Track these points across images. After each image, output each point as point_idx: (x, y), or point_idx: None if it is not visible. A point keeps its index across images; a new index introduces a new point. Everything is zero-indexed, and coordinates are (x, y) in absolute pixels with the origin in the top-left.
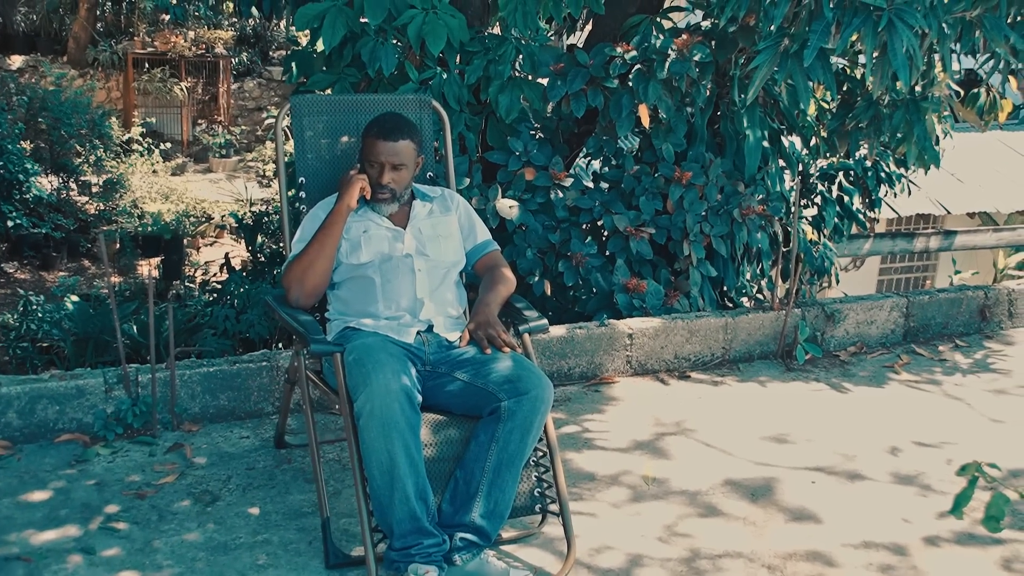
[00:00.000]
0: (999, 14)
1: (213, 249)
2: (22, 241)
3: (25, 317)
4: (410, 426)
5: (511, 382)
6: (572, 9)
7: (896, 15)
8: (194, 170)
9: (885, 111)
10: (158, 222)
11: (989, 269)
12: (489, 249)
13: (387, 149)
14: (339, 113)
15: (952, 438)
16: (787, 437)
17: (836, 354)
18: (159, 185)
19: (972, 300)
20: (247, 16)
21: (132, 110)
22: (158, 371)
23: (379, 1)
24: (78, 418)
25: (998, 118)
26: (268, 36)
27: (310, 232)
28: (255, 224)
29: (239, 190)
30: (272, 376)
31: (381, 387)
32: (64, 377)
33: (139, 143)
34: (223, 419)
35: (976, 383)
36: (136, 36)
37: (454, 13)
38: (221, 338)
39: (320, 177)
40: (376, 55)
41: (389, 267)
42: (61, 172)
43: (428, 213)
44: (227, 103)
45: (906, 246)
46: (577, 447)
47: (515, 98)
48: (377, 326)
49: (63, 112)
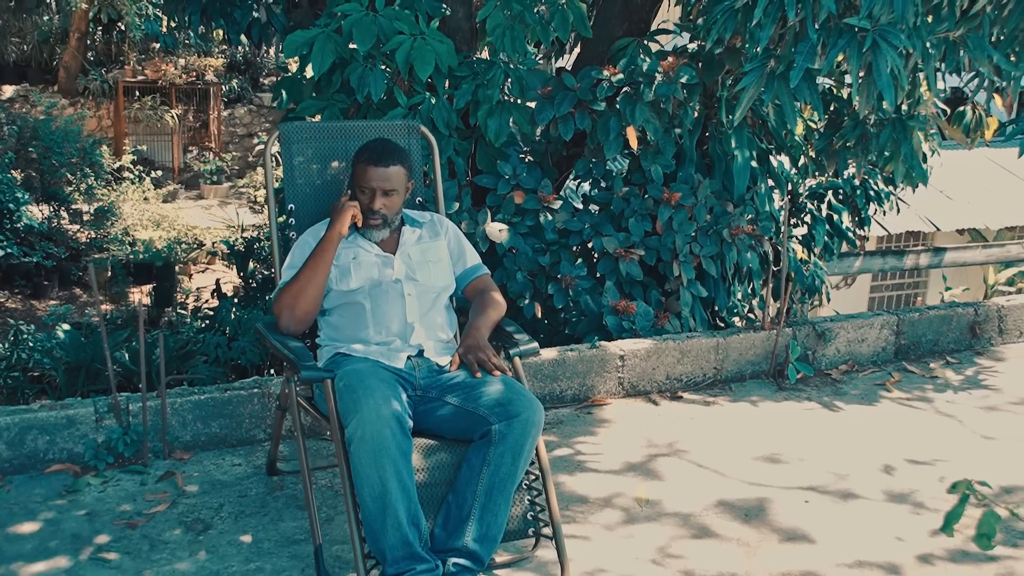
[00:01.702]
0: (982, 33)
1: (205, 276)
2: (13, 270)
3: (16, 346)
4: (401, 451)
5: (501, 405)
6: (560, 33)
7: (880, 36)
8: (185, 197)
9: (872, 130)
10: (149, 249)
11: (979, 285)
12: (479, 273)
13: (378, 175)
14: (328, 140)
15: (944, 455)
16: (780, 457)
17: (828, 373)
18: (150, 212)
19: (962, 317)
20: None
21: (123, 138)
22: (149, 399)
23: (367, 27)
24: (68, 448)
25: (984, 135)
26: (258, 63)
27: (300, 259)
28: (246, 250)
29: (230, 216)
30: (264, 403)
31: (372, 413)
32: (54, 407)
33: (130, 171)
34: (215, 447)
35: (967, 400)
36: (127, 64)
37: (442, 38)
38: (213, 365)
39: (310, 204)
40: (365, 81)
41: (379, 292)
42: (52, 201)
43: (417, 239)
44: (218, 130)
45: (896, 263)
46: (569, 470)
47: (504, 122)
48: (368, 351)
49: (54, 141)
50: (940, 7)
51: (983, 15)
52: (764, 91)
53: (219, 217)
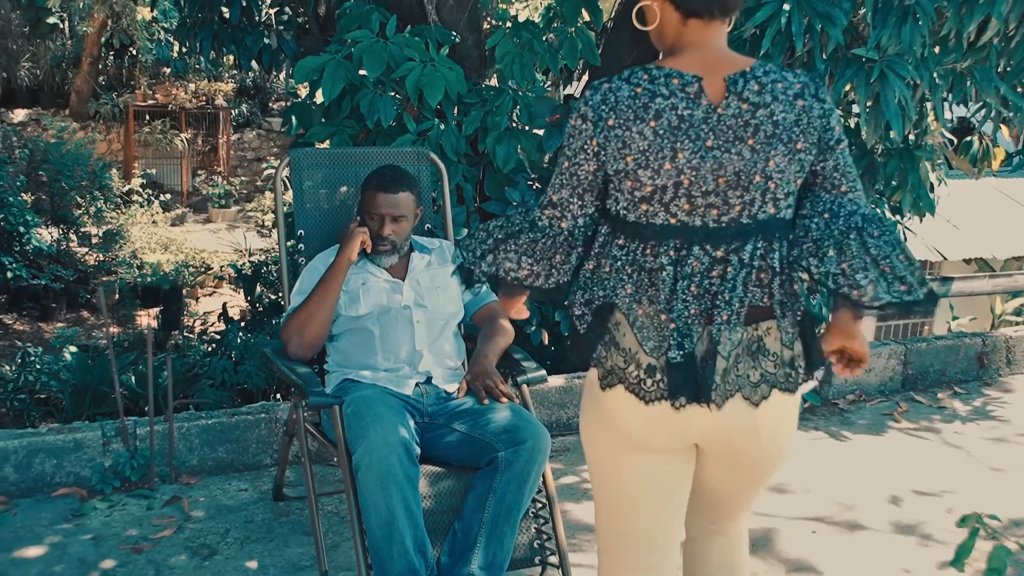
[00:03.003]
0: (988, 65)
1: (212, 299)
2: (21, 292)
3: (23, 369)
4: (408, 479)
5: (508, 432)
6: (568, 61)
7: (888, 67)
8: (194, 220)
9: (879, 159)
10: (157, 273)
11: (987, 315)
12: (487, 300)
13: (387, 201)
14: (338, 166)
15: (952, 487)
16: (786, 487)
17: (835, 402)
18: (159, 236)
19: (970, 347)
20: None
21: (133, 161)
22: (156, 423)
23: (378, 54)
24: (75, 472)
25: (991, 165)
26: (268, 88)
27: (309, 284)
28: (254, 274)
29: (238, 240)
30: (270, 428)
31: (379, 440)
32: (62, 431)
33: (139, 194)
34: (221, 471)
35: (975, 431)
36: (138, 89)
37: (452, 66)
38: (219, 389)
39: (319, 229)
40: (375, 107)
41: (388, 319)
42: (61, 223)
43: (427, 265)
44: (227, 154)
45: None
46: (576, 498)
47: (512, 149)
48: (376, 378)
49: (64, 164)
50: (947, 39)
51: (990, 47)
52: None
53: (227, 241)
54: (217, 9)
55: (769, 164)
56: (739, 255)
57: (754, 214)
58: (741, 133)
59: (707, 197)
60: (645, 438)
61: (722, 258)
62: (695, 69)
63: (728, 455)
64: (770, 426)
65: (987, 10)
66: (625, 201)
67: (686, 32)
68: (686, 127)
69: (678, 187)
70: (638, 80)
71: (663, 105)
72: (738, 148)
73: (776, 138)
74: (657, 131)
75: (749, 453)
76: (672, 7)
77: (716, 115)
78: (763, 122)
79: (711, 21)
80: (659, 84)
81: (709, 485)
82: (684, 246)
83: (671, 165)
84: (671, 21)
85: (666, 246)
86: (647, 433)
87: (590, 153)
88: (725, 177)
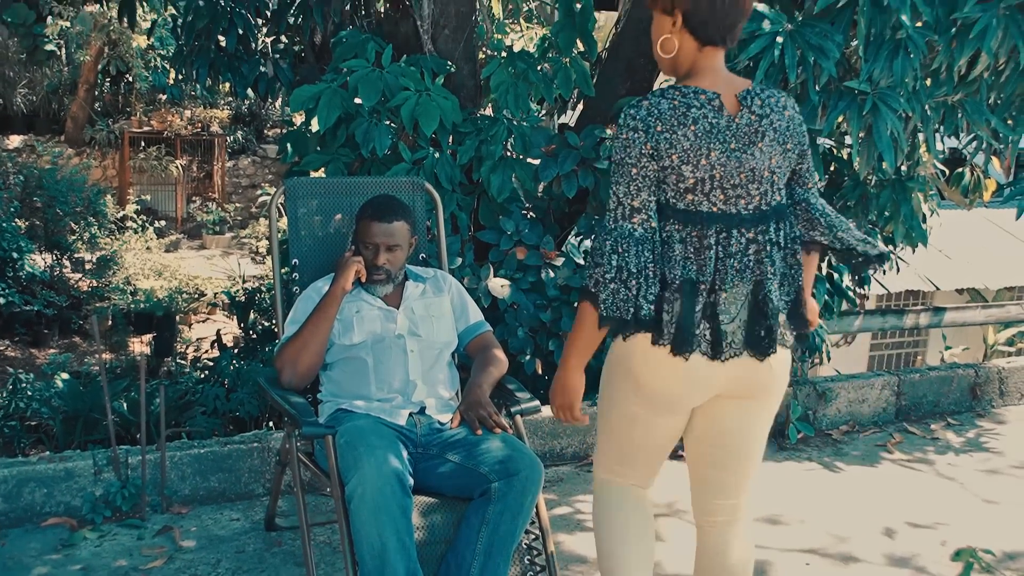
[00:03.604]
0: (980, 98)
1: (205, 326)
2: (14, 318)
3: (14, 395)
4: (401, 510)
5: (502, 463)
6: (563, 91)
7: (880, 99)
8: (188, 247)
9: (872, 190)
10: (150, 299)
11: (979, 345)
12: (482, 330)
13: (381, 230)
14: (333, 195)
15: (946, 519)
16: (780, 518)
17: (828, 433)
18: (152, 262)
19: (963, 378)
20: (243, 97)
21: (127, 188)
22: (148, 452)
23: (373, 83)
24: (66, 501)
25: (983, 197)
26: (263, 115)
27: (303, 313)
28: (247, 301)
29: (232, 267)
30: (263, 457)
31: (373, 470)
32: (53, 460)
33: (133, 220)
34: (213, 501)
35: (969, 462)
36: (133, 115)
37: (447, 95)
38: (211, 416)
39: (314, 258)
40: (370, 136)
41: (381, 348)
42: (55, 249)
43: (421, 293)
44: (222, 180)
45: (896, 323)
46: (570, 529)
47: (506, 178)
48: (369, 408)
49: (58, 191)
50: (938, 72)
51: (981, 80)
52: None
53: (221, 267)
54: (214, 38)
55: (772, 161)
56: (766, 235)
57: (769, 201)
58: (753, 138)
59: (735, 189)
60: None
61: (753, 238)
62: (713, 87)
63: (747, 396)
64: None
65: (977, 44)
66: (672, 192)
67: (702, 58)
68: (715, 132)
69: (712, 180)
70: (673, 96)
71: (697, 114)
72: (752, 150)
73: (776, 142)
74: (696, 133)
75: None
76: (691, 37)
77: (735, 124)
78: (767, 129)
79: (719, 48)
80: (690, 98)
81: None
82: (724, 229)
83: (706, 162)
84: (690, 49)
85: (712, 229)
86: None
87: (648, 155)
88: (745, 173)
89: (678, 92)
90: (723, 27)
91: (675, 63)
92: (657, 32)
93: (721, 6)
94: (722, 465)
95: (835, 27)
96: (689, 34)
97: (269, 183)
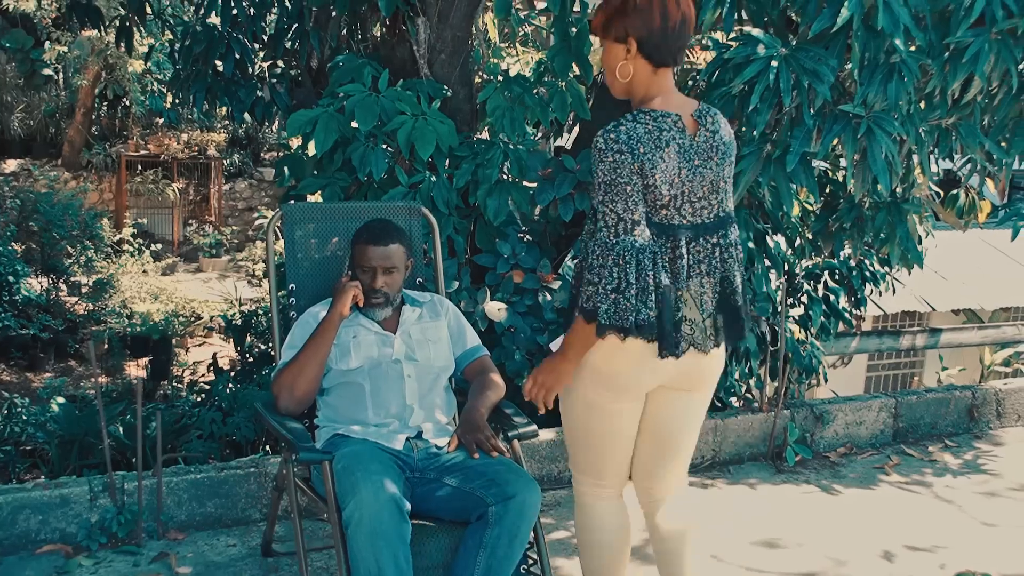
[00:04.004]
0: (973, 121)
1: (201, 349)
2: (9, 342)
3: (9, 420)
4: (399, 535)
5: (499, 486)
6: (559, 115)
7: (874, 122)
8: (184, 270)
9: (868, 213)
10: (147, 322)
11: (976, 365)
12: (479, 355)
13: (378, 254)
14: (329, 220)
15: (944, 542)
16: (778, 542)
17: (826, 455)
18: (149, 285)
19: (960, 400)
20: (240, 122)
21: (124, 211)
22: (144, 478)
23: (370, 108)
24: (61, 528)
25: (978, 218)
26: (260, 138)
27: (300, 339)
28: (244, 324)
29: (229, 290)
30: (260, 482)
31: (369, 496)
32: (48, 486)
33: (130, 243)
34: (210, 526)
35: (967, 485)
36: (130, 139)
37: (443, 119)
38: (207, 440)
39: (310, 283)
40: (366, 160)
41: (379, 373)
42: (51, 273)
43: (418, 318)
44: (218, 203)
45: (893, 344)
46: (567, 553)
47: (503, 201)
48: (366, 433)
49: (55, 214)
50: (932, 95)
51: (974, 103)
52: (761, 174)
53: (217, 290)
54: (211, 62)
55: (724, 172)
56: (725, 239)
57: (724, 208)
58: (711, 153)
59: (700, 201)
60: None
61: (717, 242)
62: (674, 109)
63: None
64: (717, 365)
65: (970, 68)
66: (649, 207)
67: (656, 80)
68: (683, 151)
69: (683, 195)
70: (645, 120)
71: (668, 137)
72: (710, 164)
73: (725, 155)
74: (671, 155)
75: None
76: (646, 61)
77: (695, 142)
78: (719, 144)
79: (670, 68)
80: (660, 122)
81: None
82: (693, 238)
83: (678, 179)
84: (645, 73)
85: (683, 239)
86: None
87: (636, 173)
88: (707, 186)
89: (649, 117)
90: (675, 49)
91: (631, 87)
92: (612, 60)
93: (673, 30)
94: (660, 453)
95: (829, 51)
96: (644, 59)
97: (266, 206)
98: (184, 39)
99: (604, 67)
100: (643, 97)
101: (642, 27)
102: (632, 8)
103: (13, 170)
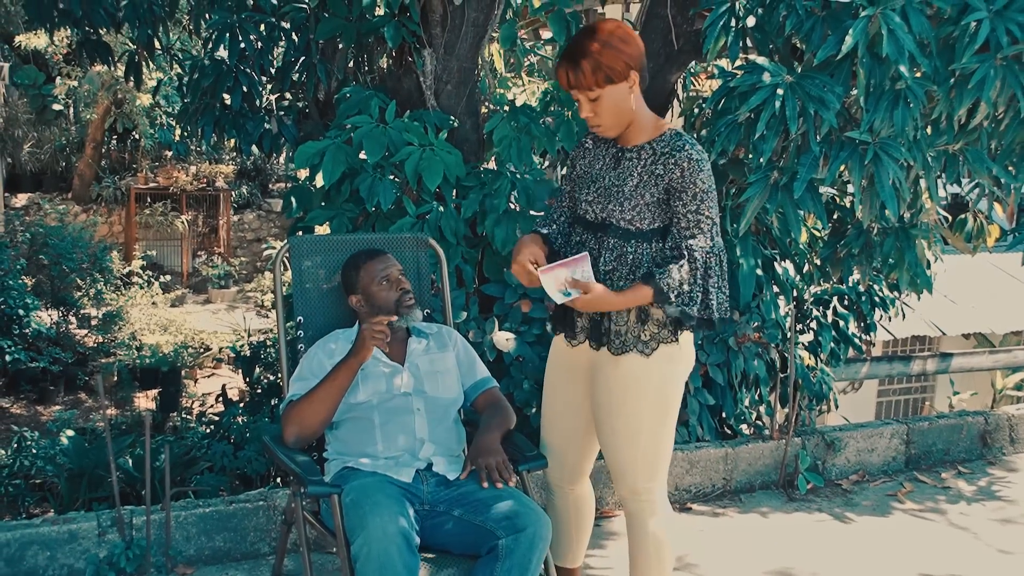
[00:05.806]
0: (980, 146)
1: (211, 381)
2: (19, 376)
3: (19, 453)
4: (408, 569)
5: (509, 519)
6: (565, 144)
7: (881, 149)
8: (193, 301)
9: (876, 238)
10: (156, 354)
11: (987, 389)
12: (488, 386)
13: (387, 261)
14: (337, 252)
15: (960, 570)
16: (791, 571)
17: (838, 483)
18: (158, 317)
19: (972, 426)
20: (248, 154)
21: (133, 243)
22: (153, 512)
23: (377, 139)
24: (69, 564)
25: (987, 242)
26: (268, 169)
27: (308, 372)
28: (253, 355)
29: (238, 321)
30: (269, 516)
31: (378, 530)
32: (56, 521)
33: (139, 276)
34: (218, 560)
35: (981, 512)
36: (140, 172)
37: (450, 149)
38: (218, 473)
39: (319, 316)
40: (374, 190)
41: (388, 407)
42: (61, 306)
43: (425, 349)
44: (227, 235)
45: (903, 369)
46: None
47: (511, 231)
48: (376, 465)
49: (64, 248)
50: (939, 121)
51: (981, 129)
52: (768, 201)
53: (226, 322)
54: (219, 95)
55: None
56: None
57: None
58: None
59: None
60: None
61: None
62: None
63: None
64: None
65: (976, 94)
66: None
67: (642, 104)
68: None
69: None
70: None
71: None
72: None
73: None
74: None
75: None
76: (639, 89)
77: None
78: None
79: None
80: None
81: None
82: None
83: None
84: (640, 99)
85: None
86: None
87: None
88: None
89: (686, 135)
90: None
91: (632, 116)
92: (620, 100)
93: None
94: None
95: (835, 79)
96: (639, 87)
97: (274, 237)
98: (192, 73)
99: (603, 113)
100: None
101: (637, 55)
102: (620, 43)
103: (24, 204)
